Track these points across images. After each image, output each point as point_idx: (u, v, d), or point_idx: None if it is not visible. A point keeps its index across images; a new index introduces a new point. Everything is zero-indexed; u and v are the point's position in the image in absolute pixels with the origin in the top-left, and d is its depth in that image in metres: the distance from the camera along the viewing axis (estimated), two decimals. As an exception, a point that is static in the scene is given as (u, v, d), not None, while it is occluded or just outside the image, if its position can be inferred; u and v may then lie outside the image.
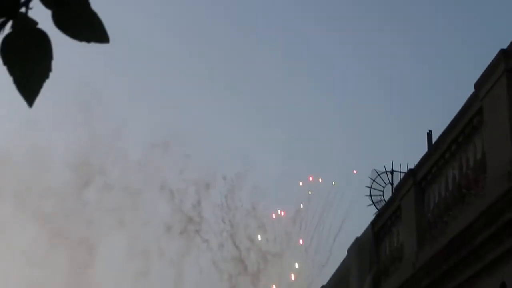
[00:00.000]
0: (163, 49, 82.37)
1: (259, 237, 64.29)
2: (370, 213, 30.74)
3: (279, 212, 66.71)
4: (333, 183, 66.68)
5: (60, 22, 2.33)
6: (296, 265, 64.83)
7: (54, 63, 2.38)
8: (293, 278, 64.10)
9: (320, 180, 64.53)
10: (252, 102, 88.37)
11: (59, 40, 2.40)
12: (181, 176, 77.36)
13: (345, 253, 24.17)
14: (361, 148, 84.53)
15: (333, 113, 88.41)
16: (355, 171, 66.48)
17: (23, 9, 2.33)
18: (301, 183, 68.69)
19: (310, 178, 64.72)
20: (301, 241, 65.15)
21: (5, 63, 2.34)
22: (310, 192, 65.74)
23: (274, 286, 64.19)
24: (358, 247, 22.15)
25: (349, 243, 23.42)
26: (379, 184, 28.98)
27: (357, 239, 22.41)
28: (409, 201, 17.80)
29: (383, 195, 28.44)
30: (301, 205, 67.76)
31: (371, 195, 28.90)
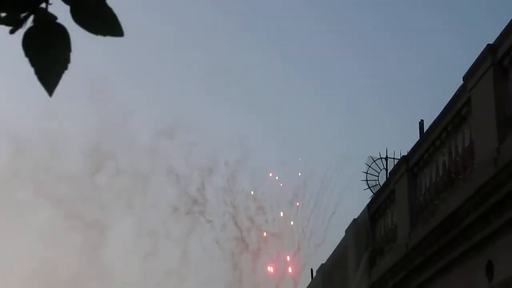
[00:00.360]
0: (170, 43, 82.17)
1: (252, 192, 64.46)
2: (366, 197, 30.74)
3: (276, 177, 66.93)
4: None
5: (78, 17, 2.33)
6: (292, 223, 64.95)
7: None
8: (281, 214, 64.34)
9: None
10: (251, 93, 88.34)
11: (72, 33, 2.40)
12: (186, 161, 77.63)
13: (340, 234, 24.18)
14: (358, 136, 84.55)
15: (331, 104, 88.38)
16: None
17: (43, 5, 2.33)
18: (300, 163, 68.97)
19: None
20: (297, 204, 65.27)
21: (26, 55, 2.34)
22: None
23: (264, 233, 64.41)
24: (355, 228, 22.16)
25: (345, 224, 23.45)
26: (375, 170, 28.95)
27: (355, 220, 22.41)
28: (402, 186, 17.81)
29: (378, 180, 28.40)
30: (299, 173, 68.10)
31: (367, 180, 28.87)
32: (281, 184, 67.04)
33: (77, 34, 2.36)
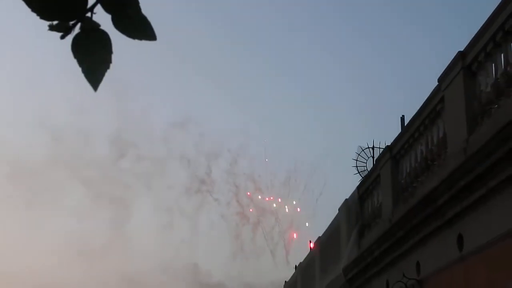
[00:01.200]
0: (181, 48, 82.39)
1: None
2: (356, 180, 30.70)
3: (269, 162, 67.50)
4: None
5: (118, 24, 2.34)
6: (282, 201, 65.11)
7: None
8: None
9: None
10: (251, 90, 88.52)
11: (113, 38, 2.41)
12: (196, 148, 78.23)
13: (329, 211, 24.19)
14: (350, 130, 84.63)
15: (325, 102, 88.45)
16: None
17: (88, 14, 2.33)
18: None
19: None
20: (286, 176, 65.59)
21: (75, 57, 2.35)
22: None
23: (248, 192, 64.78)
24: (347, 207, 22.17)
25: (338, 203, 23.47)
26: (363, 157, 28.88)
27: (346, 200, 22.42)
28: (386, 171, 17.81)
29: (366, 166, 28.33)
30: (292, 161, 68.73)
31: (357, 166, 28.81)
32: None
33: (117, 39, 2.38)
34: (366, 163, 28.61)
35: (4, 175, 77.54)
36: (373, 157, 28.05)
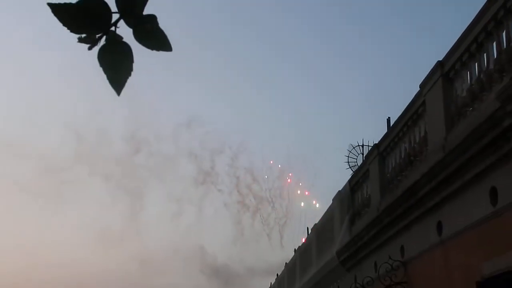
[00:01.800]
0: (185, 54, 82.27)
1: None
2: (347, 174, 30.67)
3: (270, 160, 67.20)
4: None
5: (138, 37, 2.36)
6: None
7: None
8: (271, 162, 64.50)
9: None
10: (252, 91, 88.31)
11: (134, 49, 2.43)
12: (201, 145, 78.86)
13: (323, 201, 24.13)
14: (342, 129, 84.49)
15: (321, 104, 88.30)
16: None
17: (113, 28, 2.35)
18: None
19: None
20: (290, 175, 65.52)
21: (101, 65, 2.37)
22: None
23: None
24: (339, 198, 22.15)
25: (331, 195, 23.43)
26: (354, 154, 28.86)
27: (339, 192, 22.40)
28: (374, 166, 17.79)
29: (356, 162, 28.29)
30: (289, 157, 68.96)
31: (348, 162, 28.78)
32: (271, 162, 67.26)
33: (138, 50, 2.39)
34: (356, 159, 28.57)
35: (35, 172, 78.08)
36: (362, 154, 28.02)
